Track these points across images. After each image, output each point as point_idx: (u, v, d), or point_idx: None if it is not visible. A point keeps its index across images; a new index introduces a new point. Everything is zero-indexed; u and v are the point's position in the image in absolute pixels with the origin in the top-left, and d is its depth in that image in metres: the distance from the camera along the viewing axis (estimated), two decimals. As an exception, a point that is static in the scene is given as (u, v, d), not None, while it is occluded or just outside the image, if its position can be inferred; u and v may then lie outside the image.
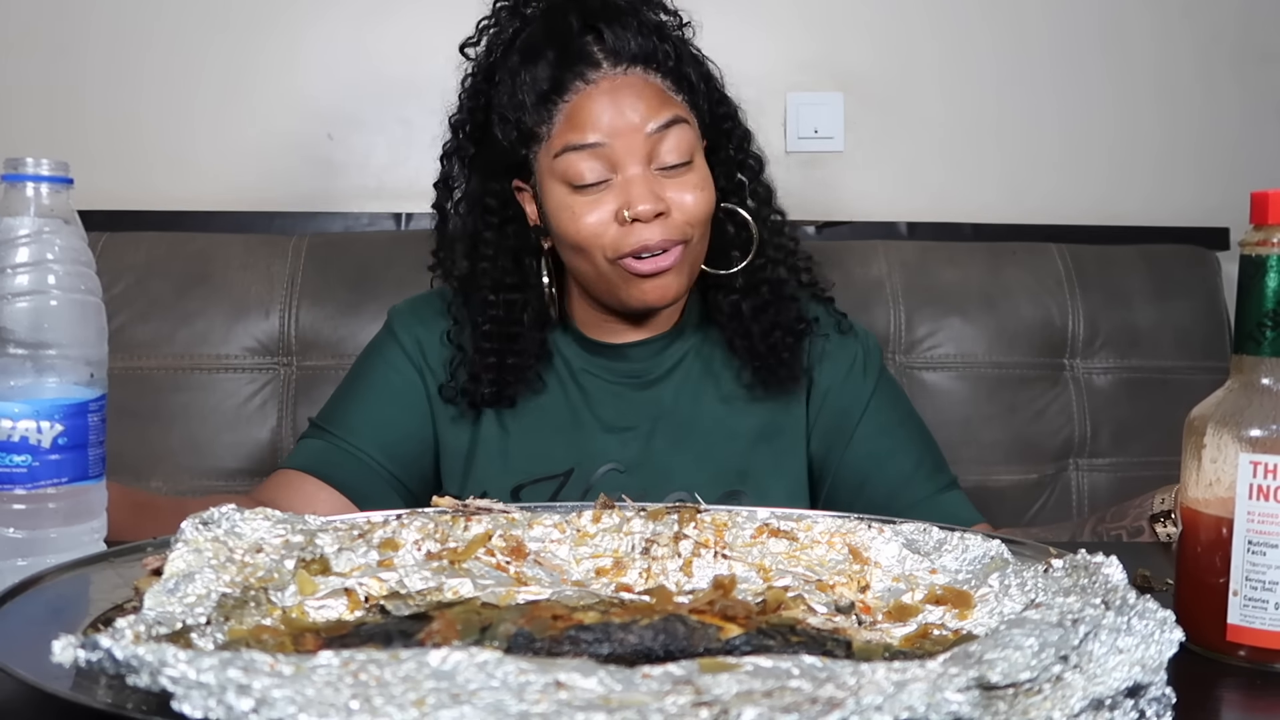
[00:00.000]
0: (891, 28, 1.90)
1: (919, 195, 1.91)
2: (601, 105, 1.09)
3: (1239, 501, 0.66)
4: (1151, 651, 0.51)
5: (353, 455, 1.17)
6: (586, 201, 1.09)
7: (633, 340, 1.21)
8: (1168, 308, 1.73)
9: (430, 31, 1.81)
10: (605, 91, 1.09)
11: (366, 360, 1.25)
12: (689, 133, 1.12)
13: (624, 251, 1.09)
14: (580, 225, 1.09)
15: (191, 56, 1.80)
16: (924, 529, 0.76)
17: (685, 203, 1.10)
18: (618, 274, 1.11)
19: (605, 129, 1.08)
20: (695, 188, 1.11)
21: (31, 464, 0.75)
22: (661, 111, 1.10)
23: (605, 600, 0.66)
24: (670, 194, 1.09)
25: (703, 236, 1.13)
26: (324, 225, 1.80)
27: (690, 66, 1.16)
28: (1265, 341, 0.68)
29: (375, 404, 1.20)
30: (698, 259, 1.15)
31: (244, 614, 0.60)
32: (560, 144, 1.09)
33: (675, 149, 1.10)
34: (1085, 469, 1.70)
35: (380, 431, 1.18)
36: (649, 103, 1.10)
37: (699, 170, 1.12)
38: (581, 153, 1.08)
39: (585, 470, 1.17)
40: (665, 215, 1.09)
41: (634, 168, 1.09)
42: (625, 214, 1.07)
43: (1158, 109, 1.95)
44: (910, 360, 1.68)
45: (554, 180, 1.11)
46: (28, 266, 0.76)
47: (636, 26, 1.12)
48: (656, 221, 1.08)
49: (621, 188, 1.09)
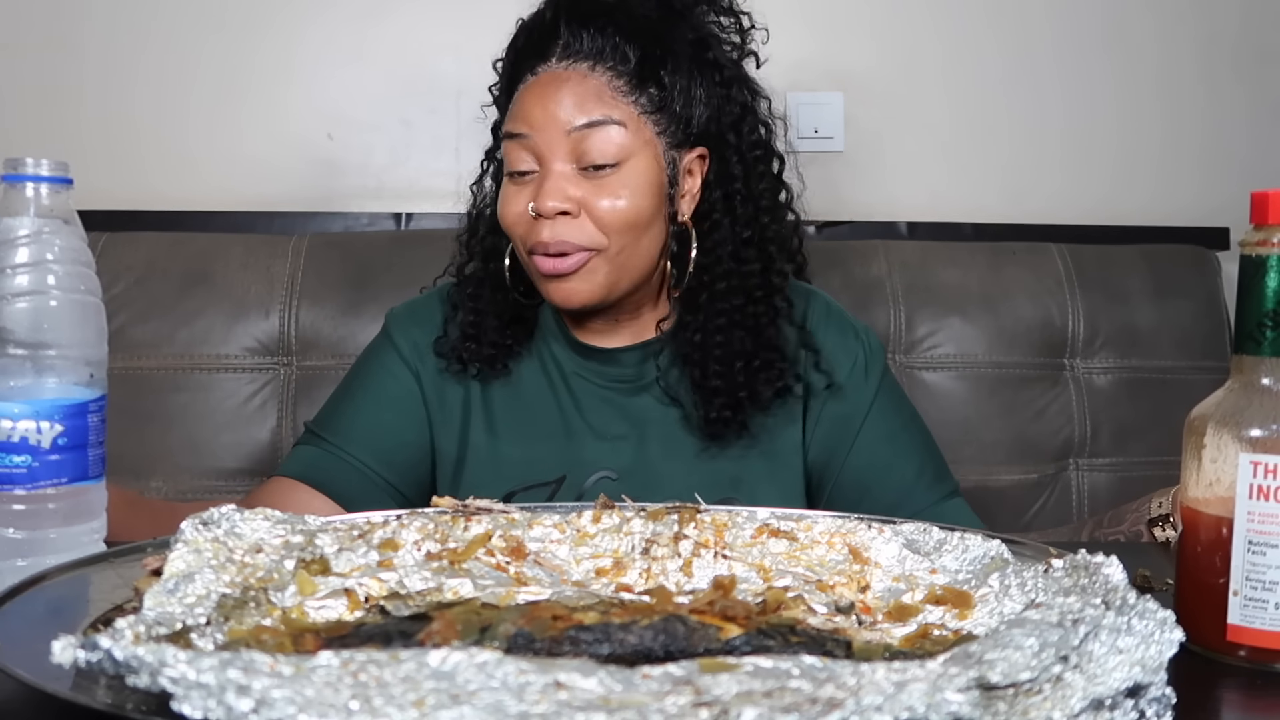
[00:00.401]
0: (892, 28, 1.90)
1: (919, 195, 1.91)
2: (533, 98, 1.10)
3: (1239, 501, 0.66)
4: (1151, 651, 0.51)
5: (348, 463, 1.16)
6: (514, 190, 1.11)
7: (624, 345, 1.19)
8: (1168, 308, 1.73)
9: (431, 32, 1.82)
10: (541, 84, 1.10)
11: (363, 365, 1.24)
12: (623, 135, 1.08)
13: (531, 245, 1.09)
14: (505, 212, 1.11)
15: (192, 57, 1.80)
16: (924, 529, 0.76)
17: (600, 207, 1.07)
18: (532, 265, 1.11)
19: (531, 121, 1.09)
20: (614, 194, 1.08)
21: (31, 464, 0.75)
22: (591, 110, 1.08)
23: (605, 600, 0.66)
24: (588, 196, 1.08)
25: (627, 245, 1.09)
26: (324, 225, 1.80)
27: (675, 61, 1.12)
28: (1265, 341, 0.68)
29: (371, 410, 1.19)
30: (622, 268, 1.10)
31: (244, 614, 0.60)
32: (504, 130, 1.12)
33: (600, 150, 1.07)
34: (1085, 469, 1.70)
35: (376, 439, 1.17)
36: (578, 100, 1.08)
37: (625, 175, 1.08)
38: (513, 141, 1.10)
39: (577, 478, 1.15)
40: (571, 216, 1.07)
41: (556, 164, 1.08)
42: (531, 208, 1.08)
43: (1157, 109, 1.95)
44: (910, 360, 1.68)
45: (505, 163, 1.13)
46: (27, 267, 0.76)
47: (603, 25, 1.10)
48: (561, 221, 1.07)
49: (538, 182, 1.09)
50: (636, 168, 1.09)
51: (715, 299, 1.13)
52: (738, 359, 1.12)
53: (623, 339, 1.19)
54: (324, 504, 1.13)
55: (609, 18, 1.11)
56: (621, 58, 1.10)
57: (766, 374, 1.13)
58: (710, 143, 1.15)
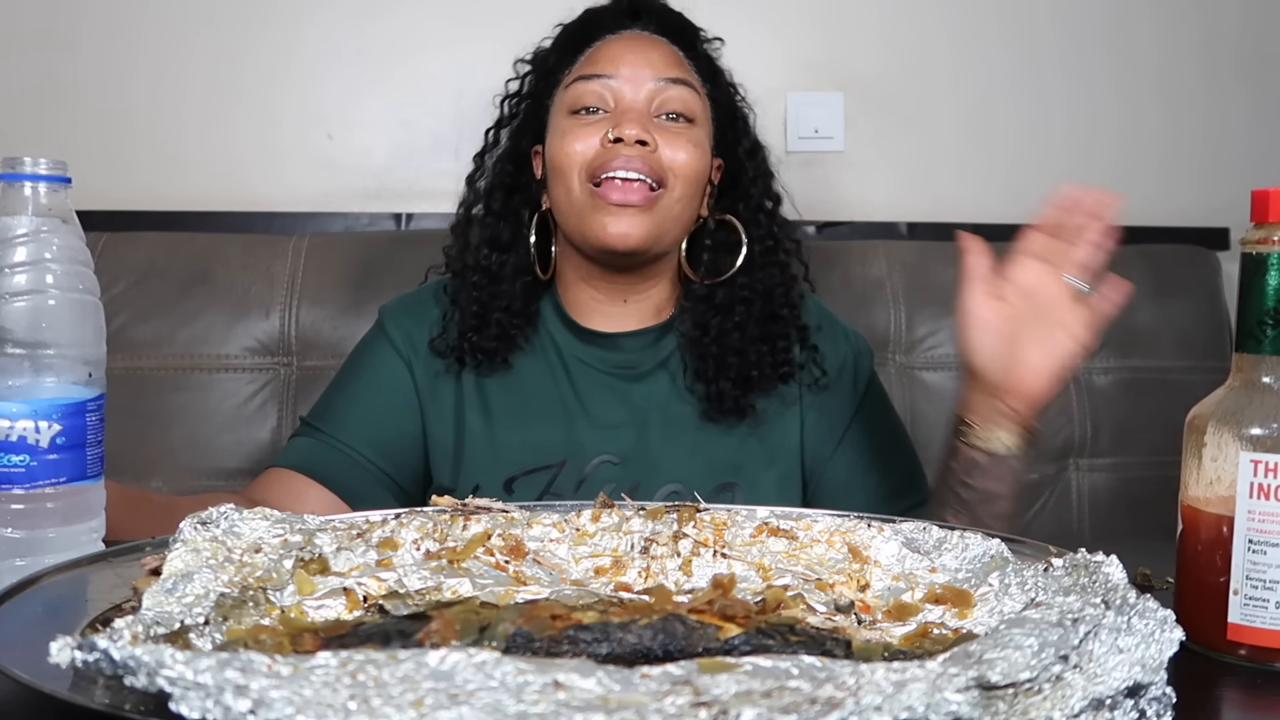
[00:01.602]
0: (892, 28, 1.90)
1: (919, 195, 1.91)
2: (621, 47, 1.18)
3: (1239, 500, 0.66)
4: (1152, 651, 0.51)
5: (343, 453, 1.17)
6: (581, 125, 1.15)
7: (625, 330, 1.21)
8: (1168, 308, 1.73)
9: (431, 31, 1.82)
10: (630, 39, 1.19)
11: (357, 357, 1.25)
12: (697, 100, 1.18)
13: (599, 171, 1.12)
14: (567, 145, 1.14)
15: (192, 57, 1.80)
16: (924, 528, 0.76)
17: (673, 151, 1.14)
18: (588, 200, 1.13)
19: (617, 64, 1.16)
20: (687, 145, 1.15)
21: (29, 464, 0.75)
22: (675, 69, 1.18)
23: (604, 600, 0.66)
24: (661, 137, 1.14)
25: (684, 197, 1.15)
26: (324, 225, 1.80)
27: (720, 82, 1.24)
28: (1266, 340, 0.68)
29: (365, 401, 1.20)
30: (671, 221, 1.16)
31: (242, 614, 0.60)
32: (573, 77, 1.18)
33: (680, 101, 1.16)
34: (1085, 469, 1.70)
35: (370, 429, 1.18)
36: (664, 57, 1.18)
37: (696, 134, 1.17)
38: (590, 81, 1.16)
39: (577, 462, 1.17)
40: (649, 148, 1.12)
41: (636, 103, 1.15)
42: (610, 134, 1.12)
43: (1158, 109, 1.95)
44: (910, 360, 1.68)
45: (559, 113, 1.18)
46: (26, 266, 0.76)
47: (672, 18, 1.23)
48: (638, 150, 1.12)
49: (615, 116, 1.14)
50: (700, 134, 1.18)
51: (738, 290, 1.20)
52: (752, 343, 1.18)
53: (626, 323, 1.21)
54: (320, 493, 1.14)
55: (678, 19, 1.24)
56: (688, 45, 1.22)
57: (774, 356, 1.19)
58: (729, 159, 1.24)
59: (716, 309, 1.19)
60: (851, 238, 1.82)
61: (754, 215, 1.23)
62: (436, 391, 1.20)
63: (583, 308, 1.21)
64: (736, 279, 1.20)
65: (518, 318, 1.19)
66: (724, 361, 1.17)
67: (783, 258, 1.23)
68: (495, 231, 1.22)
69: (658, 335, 1.22)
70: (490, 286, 1.19)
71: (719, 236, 1.22)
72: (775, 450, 1.19)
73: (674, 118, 1.15)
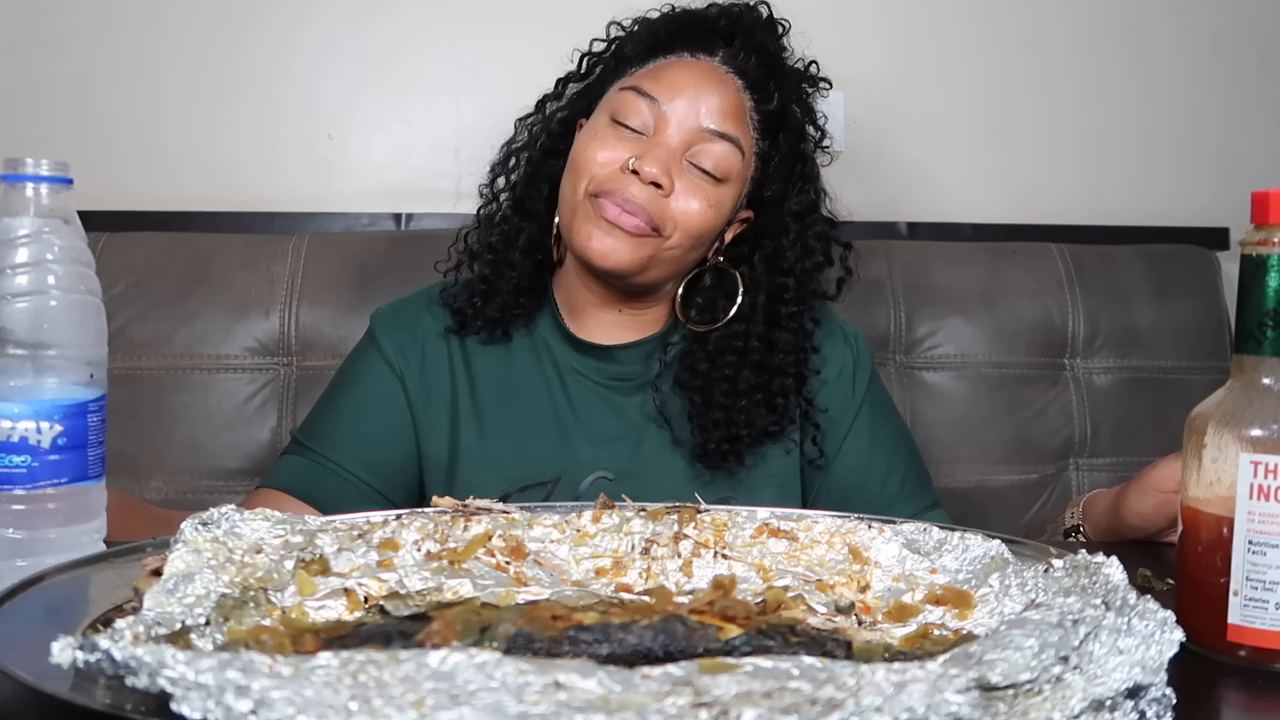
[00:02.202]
0: (893, 28, 1.89)
1: (919, 195, 1.91)
2: (687, 76, 1.12)
3: (1239, 501, 0.66)
4: (1152, 652, 0.51)
5: (334, 473, 1.15)
6: (613, 136, 1.11)
7: (622, 343, 1.19)
8: (1168, 308, 1.73)
9: (431, 31, 1.81)
10: (699, 68, 1.13)
11: (347, 370, 1.23)
12: (735, 161, 1.12)
13: (604, 189, 1.09)
14: (590, 149, 1.11)
15: (191, 56, 1.80)
16: (924, 529, 0.76)
17: (686, 204, 1.10)
18: (585, 208, 1.10)
19: (676, 91, 1.11)
20: (703, 202, 1.11)
21: (31, 464, 0.75)
22: (729, 123, 1.12)
23: (605, 600, 0.66)
24: (681, 184, 1.10)
25: (679, 246, 1.12)
26: (324, 225, 1.80)
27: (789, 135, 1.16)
28: (1266, 341, 0.68)
29: (357, 418, 1.18)
30: (663, 263, 1.12)
31: (243, 614, 0.60)
32: (631, 82, 1.13)
33: (717, 162, 1.11)
34: (1085, 469, 1.70)
35: (361, 447, 1.16)
36: (724, 107, 1.12)
37: (720, 194, 1.12)
38: (641, 98, 1.12)
39: (573, 477, 1.15)
40: (663, 191, 1.09)
41: (671, 141, 1.10)
42: (631, 163, 1.08)
43: (1157, 109, 1.94)
44: (910, 360, 1.68)
45: (604, 109, 1.14)
46: (27, 267, 0.76)
47: (768, 59, 1.15)
48: (649, 192, 1.08)
49: (647, 145, 1.10)
50: (728, 193, 1.13)
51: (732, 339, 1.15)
52: (741, 397, 1.14)
53: (621, 335, 1.19)
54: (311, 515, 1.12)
55: (774, 58, 1.16)
56: (767, 97, 1.15)
57: (771, 414, 1.15)
58: (763, 214, 1.18)
59: (709, 355, 1.16)
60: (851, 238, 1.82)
61: (777, 274, 1.17)
62: (430, 404, 1.18)
63: (579, 312, 1.19)
64: (733, 325, 1.16)
65: (522, 292, 1.18)
66: (709, 417, 1.14)
67: (808, 326, 1.18)
68: (518, 195, 1.19)
69: (654, 347, 1.20)
70: (505, 252, 1.18)
71: (720, 282, 1.18)
72: (773, 463, 1.18)
73: (704, 171, 1.11)
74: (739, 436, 1.14)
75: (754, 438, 1.14)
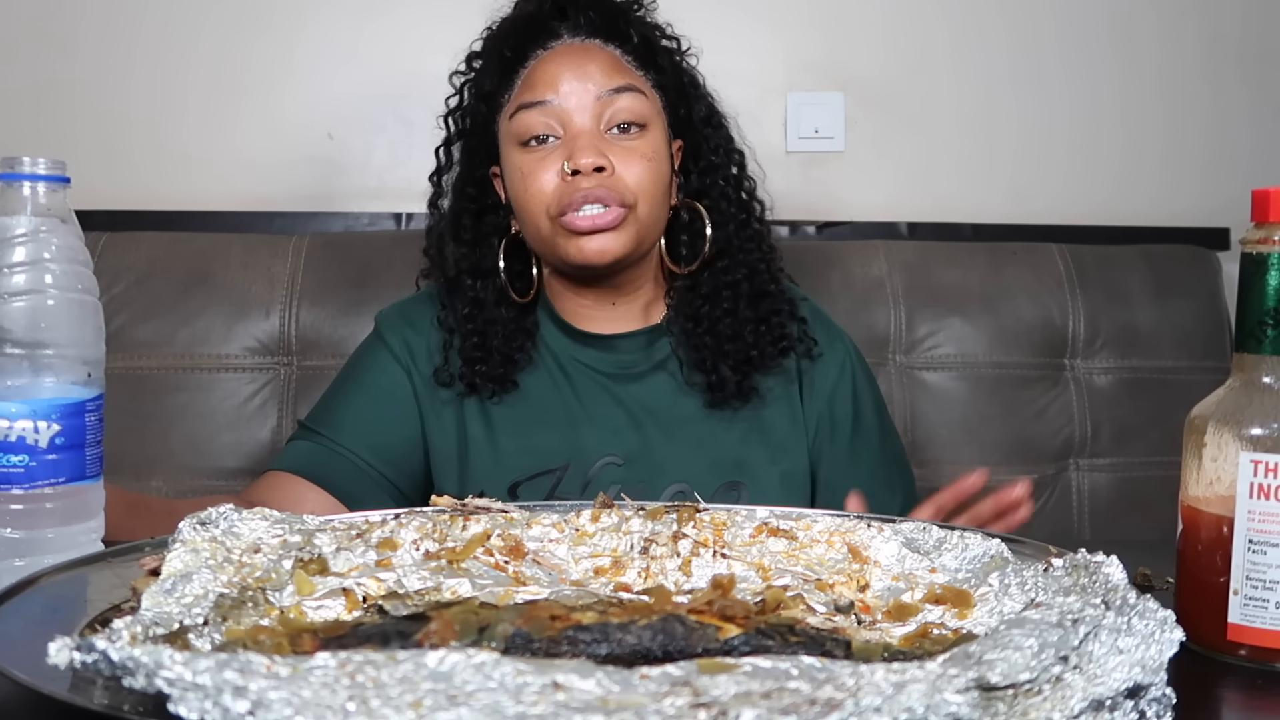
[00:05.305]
0: (892, 28, 1.89)
1: (919, 195, 1.91)
2: (556, 66, 1.14)
3: (1239, 500, 0.66)
4: (1152, 652, 0.51)
5: (342, 456, 1.17)
6: (534, 159, 1.13)
7: (621, 332, 1.21)
8: (1168, 308, 1.73)
9: (431, 30, 1.81)
10: (561, 55, 1.15)
11: (355, 363, 1.25)
12: (645, 103, 1.15)
13: (565, 207, 1.10)
14: (528, 183, 1.13)
15: (191, 56, 1.80)
16: (924, 528, 0.76)
17: (630, 166, 1.12)
18: (557, 232, 1.12)
19: (557, 87, 1.13)
20: (644, 156, 1.13)
21: (29, 464, 0.75)
22: (615, 77, 1.14)
23: (604, 600, 0.66)
24: (617, 158, 1.12)
25: (651, 208, 1.14)
26: (324, 225, 1.80)
27: (662, 55, 1.19)
28: (1266, 340, 0.68)
29: (364, 405, 1.20)
30: (646, 230, 1.15)
31: (241, 614, 0.60)
32: (515, 105, 1.15)
33: (628, 110, 1.13)
34: (1085, 469, 1.70)
35: (369, 432, 1.18)
36: (603, 67, 1.14)
37: (651, 140, 1.15)
38: (532, 109, 1.13)
39: (581, 464, 1.16)
40: (607, 172, 1.10)
41: (583, 125, 1.12)
42: (566, 166, 1.10)
43: (1158, 109, 1.94)
44: (910, 360, 1.68)
45: (509, 144, 1.15)
46: (25, 266, 0.76)
47: (601, 7, 1.17)
48: (598, 177, 1.10)
49: (567, 144, 1.12)
50: (656, 136, 1.16)
51: (721, 274, 1.19)
52: (746, 325, 1.18)
53: (619, 324, 1.21)
54: (319, 496, 1.14)
55: (606, 5, 1.18)
56: (625, 37, 1.17)
57: (771, 333, 1.19)
58: (687, 135, 1.21)
59: (704, 298, 1.19)
60: (851, 238, 1.82)
61: (720, 184, 1.21)
62: (436, 400, 1.20)
63: (575, 313, 1.21)
64: (717, 263, 1.19)
65: (516, 338, 1.19)
66: (720, 350, 1.17)
67: (757, 227, 1.22)
68: (473, 260, 1.20)
69: (652, 338, 1.22)
70: (483, 314, 1.19)
71: (692, 222, 1.21)
72: (779, 447, 1.19)
73: (625, 128, 1.13)
74: (750, 359, 1.17)
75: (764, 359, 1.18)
